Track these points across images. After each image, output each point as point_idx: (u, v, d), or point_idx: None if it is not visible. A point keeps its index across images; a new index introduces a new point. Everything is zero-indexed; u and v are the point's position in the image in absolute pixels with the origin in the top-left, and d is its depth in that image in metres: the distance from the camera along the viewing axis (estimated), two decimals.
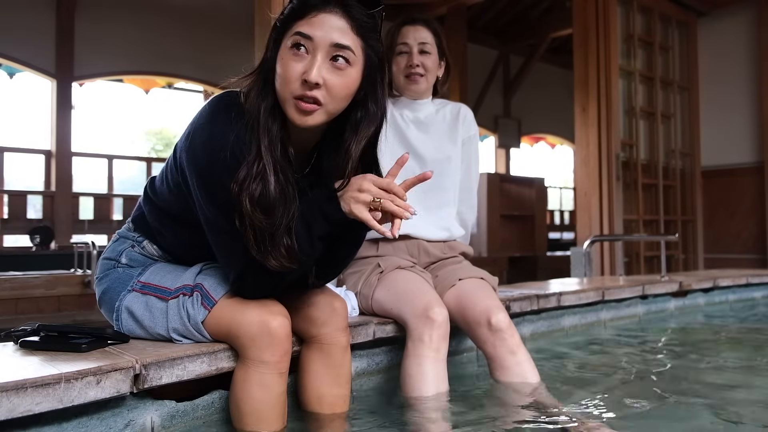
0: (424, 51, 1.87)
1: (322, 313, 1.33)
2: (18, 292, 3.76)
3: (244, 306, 1.22)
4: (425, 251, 1.89)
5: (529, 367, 1.58)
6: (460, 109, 2.00)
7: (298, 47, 1.16)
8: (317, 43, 1.16)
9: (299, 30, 1.17)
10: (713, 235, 5.41)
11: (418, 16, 1.93)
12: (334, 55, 1.17)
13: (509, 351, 1.58)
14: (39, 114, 6.34)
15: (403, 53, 1.88)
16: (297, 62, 1.16)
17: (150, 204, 1.38)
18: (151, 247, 1.40)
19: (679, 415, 1.50)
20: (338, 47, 1.17)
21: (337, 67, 1.17)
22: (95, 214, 6.37)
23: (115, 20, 6.25)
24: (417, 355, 1.52)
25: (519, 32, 8.80)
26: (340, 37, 1.17)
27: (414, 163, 1.89)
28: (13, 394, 0.96)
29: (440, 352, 1.53)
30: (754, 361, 2.11)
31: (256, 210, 1.14)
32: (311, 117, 1.18)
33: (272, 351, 1.19)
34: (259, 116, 1.19)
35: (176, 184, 1.29)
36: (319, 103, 1.17)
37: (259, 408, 1.20)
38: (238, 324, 1.21)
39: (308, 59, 1.16)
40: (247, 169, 1.16)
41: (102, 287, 1.39)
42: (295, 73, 1.16)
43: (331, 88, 1.17)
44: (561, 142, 10.38)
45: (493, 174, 7.06)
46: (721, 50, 5.36)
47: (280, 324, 1.20)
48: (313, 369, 1.34)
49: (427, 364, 1.50)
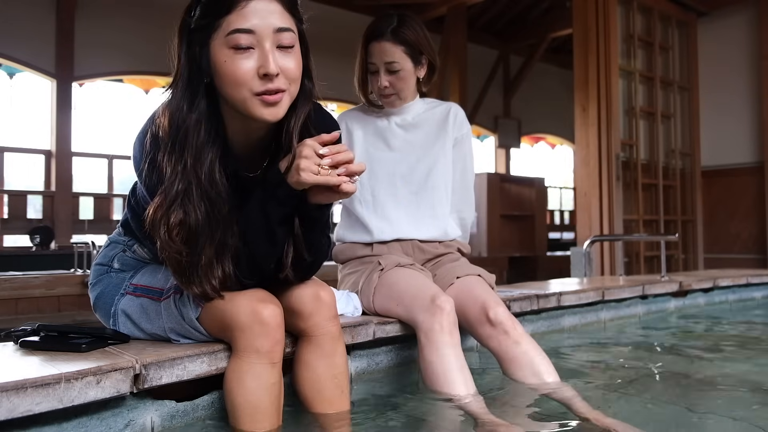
0: (390, 70, 1.81)
1: (307, 305, 1.31)
2: (18, 292, 3.76)
3: (235, 297, 1.21)
4: (420, 249, 1.89)
5: (536, 355, 1.55)
6: (450, 108, 1.97)
7: (240, 46, 1.11)
8: (260, 34, 1.11)
9: (235, 27, 1.11)
10: (713, 235, 5.41)
11: (383, 26, 1.81)
12: (280, 40, 1.13)
13: (513, 342, 1.57)
14: (39, 114, 6.32)
15: (374, 72, 1.84)
16: (245, 60, 1.11)
17: (131, 209, 1.38)
18: (141, 251, 1.40)
19: (679, 414, 1.50)
20: (281, 31, 1.13)
21: (286, 51, 1.15)
22: (95, 214, 6.37)
23: (115, 20, 6.26)
24: (433, 342, 1.50)
25: (519, 32, 8.80)
26: (279, 20, 1.13)
27: (404, 164, 1.89)
28: (13, 394, 0.96)
29: (454, 337, 1.52)
30: (754, 361, 2.11)
31: (174, 240, 1.13)
32: (280, 107, 1.16)
33: (263, 340, 1.18)
34: (186, 133, 1.14)
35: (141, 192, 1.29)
36: (282, 90, 1.14)
37: (251, 399, 1.18)
38: (229, 315, 1.20)
39: (256, 53, 1.12)
40: (161, 198, 1.14)
41: (96, 292, 1.38)
42: (249, 72, 1.12)
43: (287, 72, 1.14)
44: (561, 142, 10.38)
45: (493, 174, 7.07)
46: (721, 50, 5.36)
47: (271, 313, 1.19)
48: (307, 361, 1.32)
49: (446, 349, 1.49)
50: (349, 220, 1.93)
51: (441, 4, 6.85)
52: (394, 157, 1.90)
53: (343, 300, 1.69)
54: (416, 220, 1.89)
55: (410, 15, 1.86)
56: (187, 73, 1.15)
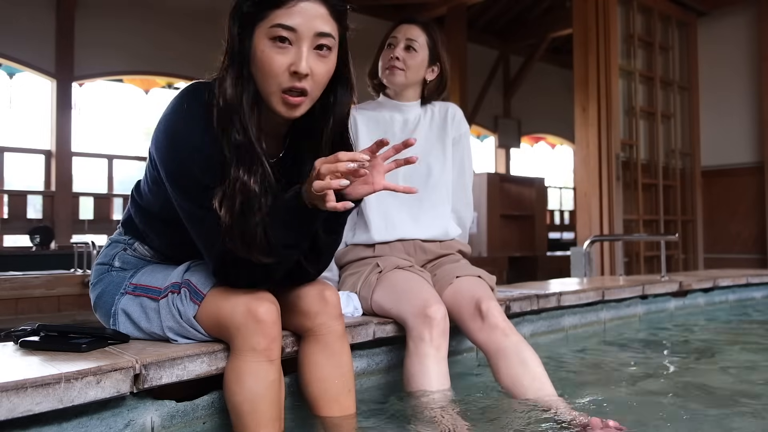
0: (410, 47, 1.85)
1: (313, 304, 1.31)
2: (18, 292, 3.75)
3: (231, 295, 1.21)
4: (422, 249, 1.89)
5: (525, 348, 1.53)
6: (448, 108, 1.99)
7: (282, 40, 1.14)
8: (301, 33, 1.14)
9: (280, 22, 1.14)
10: (713, 235, 5.41)
11: (419, 17, 1.91)
12: (318, 44, 1.16)
13: (502, 334, 1.55)
14: (39, 114, 6.32)
15: (390, 46, 1.87)
16: (281, 55, 1.15)
17: (135, 205, 1.38)
18: (142, 248, 1.40)
19: (679, 415, 1.50)
20: (321, 36, 1.16)
21: (322, 55, 1.17)
22: (95, 214, 6.36)
23: (115, 20, 6.25)
24: (418, 354, 1.52)
25: (519, 32, 8.80)
26: (322, 25, 1.16)
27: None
28: (13, 394, 0.96)
29: (441, 350, 1.53)
30: (754, 360, 2.11)
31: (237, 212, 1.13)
32: (299, 108, 1.18)
33: (259, 337, 1.18)
34: (241, 107, 1.17)
35: (154, 180, 1.29)
36: (306, 93, 1.17)
37: (252, 397, 1.18)
38: (225, 313, 1.20)
39: (293, 51, 1.15)
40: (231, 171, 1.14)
41: (96, 292, 1.38)
42: (282, 66, 1.15)
43: (316, 76, 1.17)
44: (561, 142, 10.38)
45: (493, 174, 7.06)
46: (721, 50, 5.36)
47: (266, 310, 1.19)
48: (314, 361, 1.32)
49: (429, 362, 1.50)
50: (350, 221, 1.93)
51: (441, 4, 6.84)
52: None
53: (343, 300, 1.70)
54: (418, 220, 1.89)
55: None
56: (238, 54, 1.18)
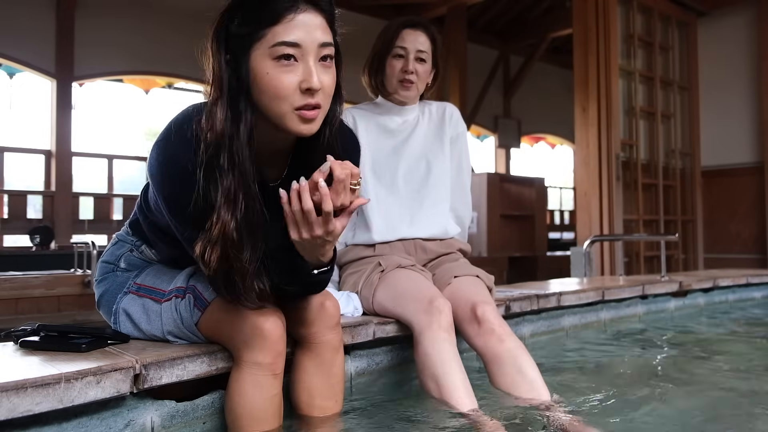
0: (420, 58, 1.86)
1: (310, 312, 1.30)
2: (18, 292, 3.75)
3: (236, 309, 1.19)
4: (422, 249, 1.90)
5: (521, 354, 1.52)
6: (445, 108, 2.01)
7: (287, 58, 1.09)
8: (306, 48, 1.10)
9: (282, 39, 1.08)
10: (713, 235, 5.41)
11: (420, 19, 1.91)
12: (323, 55, 1.13)
13: (498, 340, 1.54)
14: (39, 114, 6.32)
15: (400, 57, 1.86)
16: (289, 73, 1.09)
17: (143, 213, 1.36)
18: (149, 252, 1.40)
19: (679, 415, 1.50)
20: (324, 46, 1.12)
21: (326, 65, 1.14)
22: (95, 214, 6.37)
23: (115, 20, 6.25)
24: (430, 338, 1.49)
25: (519, 32, 8.80)
26: (323, 35, 1.12)
27: (405, 164, 1.92)
28: (13, 394, 0.96)
29: (451, 334, 1.51)
30: (754, 361, 2.11)
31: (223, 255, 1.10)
32: (315, 123, 1.14)
33: (265, 353, 1.17)
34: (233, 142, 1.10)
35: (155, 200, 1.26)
36: (319, 106, 1.13)
37: (253, 410, 1.18)
38: (230, 326, 1.20)
39: (300, 67, 1.10)
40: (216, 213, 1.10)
41: (101, 289, 1.39)
42: (292, 86, 1.10)
43: (326, 88, 1.14)
44: (561, 142, 10.38)
45: (493, 174, 7.05)
46: (721, 50, 5.36)
47: (273, 325, 1.18)
48: (304, 368, 1.31)
49: (443, 343, 1.47)
50: (351, 222, 1.93)
51: (441, 4, 6.84)
52: (395, 157, 1.92)
53: (343, 300, 1.69)
54: (418, 219, 1.90)
55: None
56: (229, 82, 1.11)
